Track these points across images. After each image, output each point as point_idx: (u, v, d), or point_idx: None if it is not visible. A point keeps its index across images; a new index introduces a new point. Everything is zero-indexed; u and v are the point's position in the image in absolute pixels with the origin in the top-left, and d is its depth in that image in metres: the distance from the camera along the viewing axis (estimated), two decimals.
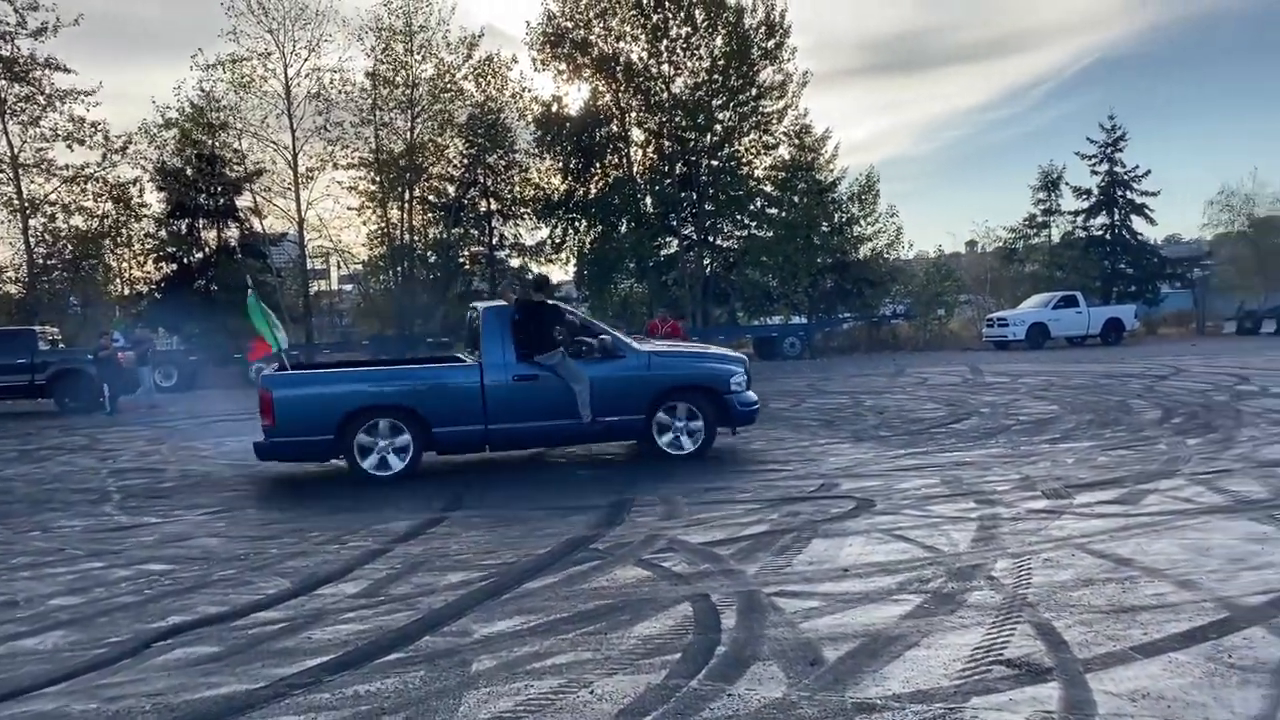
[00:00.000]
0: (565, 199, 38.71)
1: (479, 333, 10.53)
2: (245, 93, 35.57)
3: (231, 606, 5.78)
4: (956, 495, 8.14)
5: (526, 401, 10.33)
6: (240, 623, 5.46)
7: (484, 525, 7.83)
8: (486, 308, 10.76)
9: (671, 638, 4.85)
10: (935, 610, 5.10)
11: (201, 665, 4.77)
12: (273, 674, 4.57)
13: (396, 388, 10.26)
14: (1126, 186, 41.73)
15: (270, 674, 4.57)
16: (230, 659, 4.84)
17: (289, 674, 4.56)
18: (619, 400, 10.48)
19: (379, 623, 5.32)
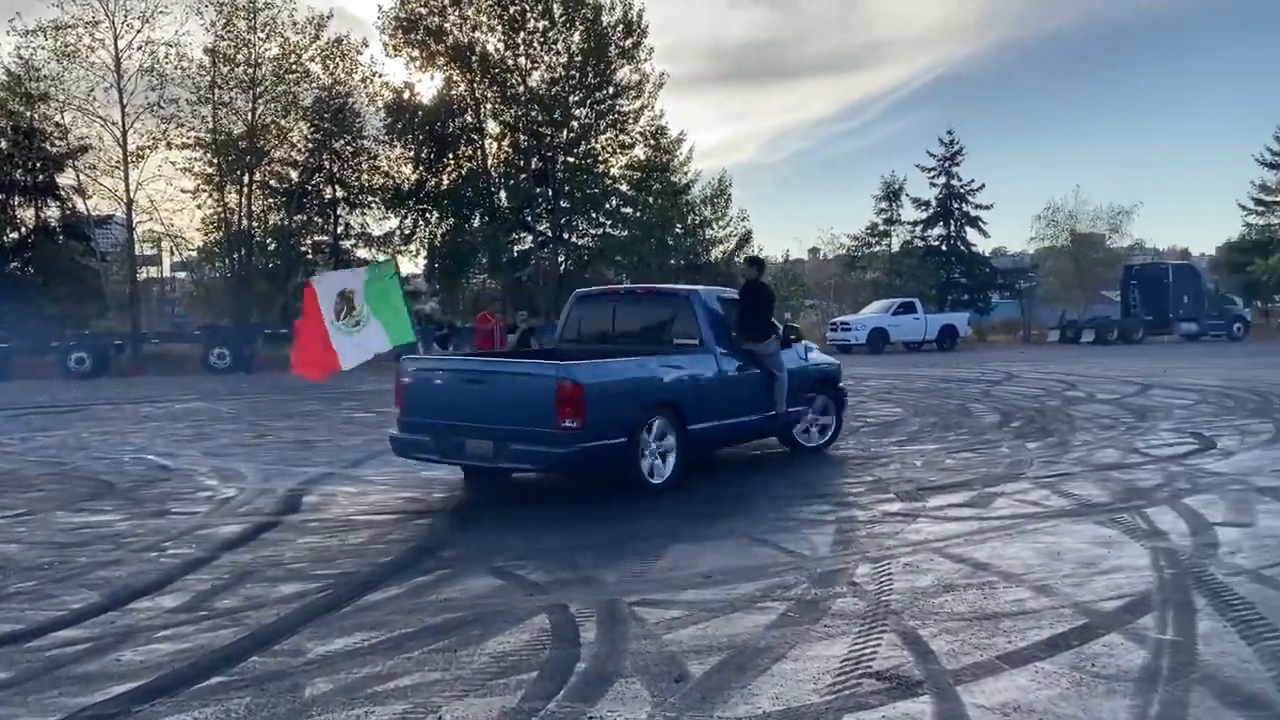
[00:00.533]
0: (416, 189, 37.70)
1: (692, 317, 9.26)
2: (69, 63, 33.21)
3: (29, 624, 5.12)
4: (813, 497, 8.10)
5: (740, 394, 9.30)
6: (38, 643, 4.82)
7: (322, 530, 7.29)
8: (693, 290, 9.84)
9: (528, 654, 4.52)
10: (801, 619, 4.94)
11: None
12: (70, 704, 4.01)
13: (671, 378, 8.70)
14: (962, 199, 43.72)
15: (68, 704, 4.01)
16: (23, 686, 4.24)
17: (90, 703, 4.01)
18: (797, 392, 9.96)
19: (200, 641, 4.78)
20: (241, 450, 11.69)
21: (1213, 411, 13.47)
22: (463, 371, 8.54)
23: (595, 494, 8.39)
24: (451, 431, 7.92)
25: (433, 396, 8.27)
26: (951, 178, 43.43)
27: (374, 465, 10.39)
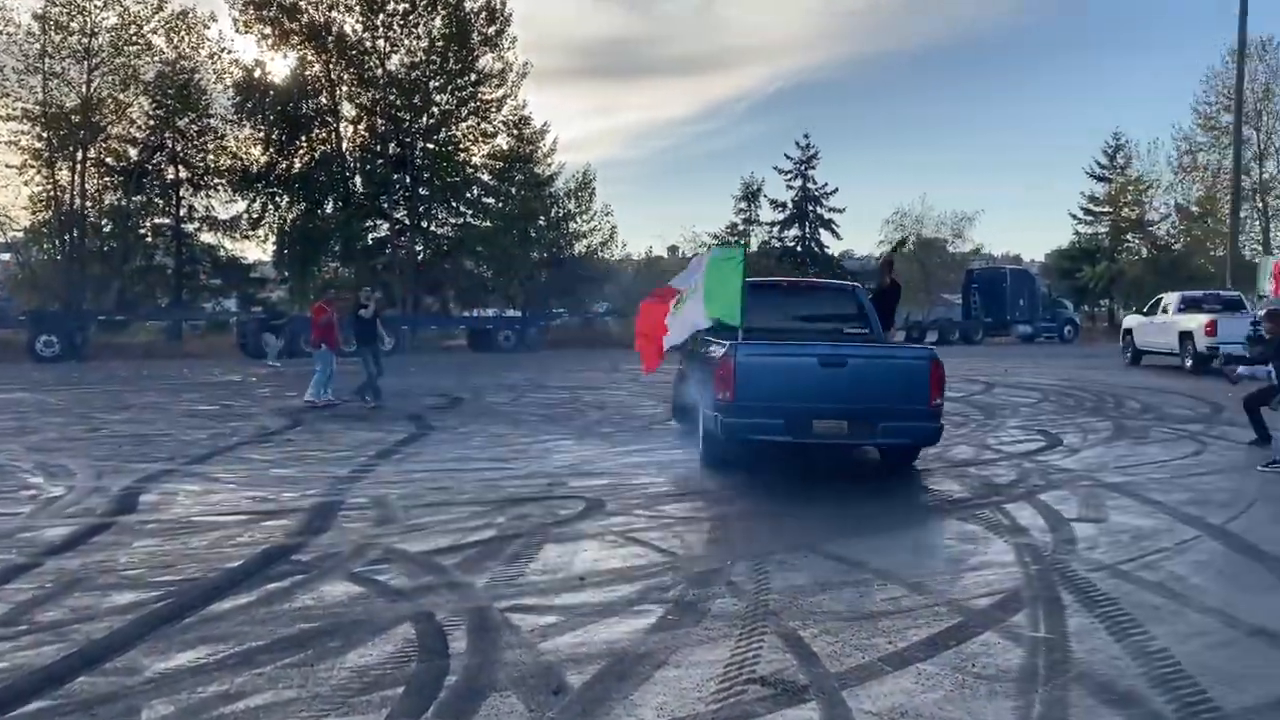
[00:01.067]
0: (266, 172, 36.09)
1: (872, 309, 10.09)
2: None
3: None
4: (686, 494, 7.99)
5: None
6: None
7: (161, 533, 6.73)
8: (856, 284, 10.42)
9: (392, 667, 4.21)
10: (680, 622, 4.79)
11: None
12: None
13: None
14: (817, 202, 44.82)
15: None
16: None
17: None
18: None
19: (19, 660, 4.28)
20: (70, 445, 10.79)
21: (1054, 410, 14.08)
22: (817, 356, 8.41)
23: (456, 497, 8.07)
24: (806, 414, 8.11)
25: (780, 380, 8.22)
26: (807, 181, 44.52)
27: (219, 461, 9.76)
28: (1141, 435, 11.38)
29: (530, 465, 9.45)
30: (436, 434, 11.67)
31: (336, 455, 10.05)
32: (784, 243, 44.88)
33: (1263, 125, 44.30)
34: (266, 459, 9.93)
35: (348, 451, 10.28)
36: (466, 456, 10.00)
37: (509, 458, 9.94)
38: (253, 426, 12.54)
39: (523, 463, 9.62)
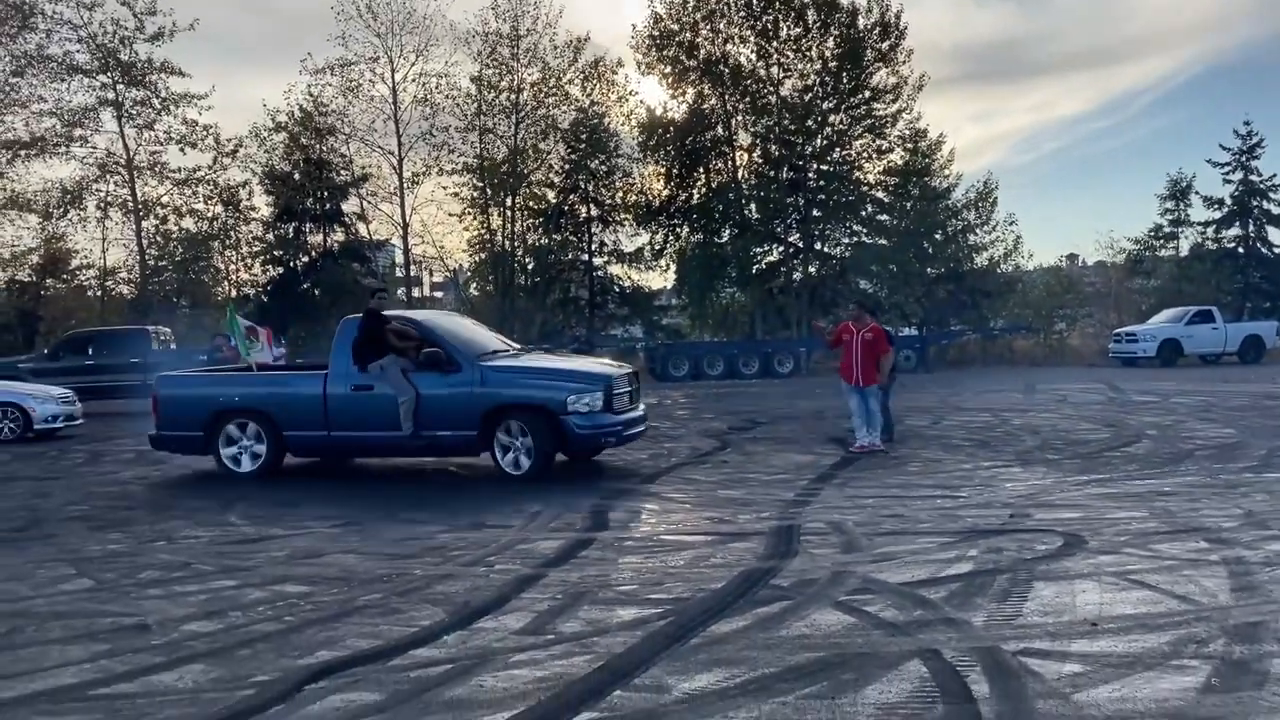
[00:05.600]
0: (667, 204, 37.98)
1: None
2: (353, 97, 35.76)
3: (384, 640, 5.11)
4: (1178, 532, 7.10)
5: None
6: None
7: (639, 550, 7.06)
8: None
9: (918, 707, 4.00)
10: (1236, 684, 4.15)
11: (367, 717, 4.08)
12: None
13: None
14: (1263, 196, 39.30)
15: None
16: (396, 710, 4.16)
17: None
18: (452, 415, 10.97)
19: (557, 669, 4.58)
20: None
21: None
22: None
23: (916, 526, 7.74)
24: None
25: None
26: (1250, 172, 39.13)
27: (667, 481, 10.19)
28: None
29: (981, 494, 8.91)
30: (867, 458, 11.42)
31: (776, 478, 10.12)
32: (1221, 244, 39.75)
33: None
34: (710, 480, 10.22)
35: (786, 475, 10.32)
36: (909, 483, 9.65)
37: (954, 484, 9.46)
38: (685, 447, 13.04)
39: (971, 490, 9.11)
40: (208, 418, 11.16)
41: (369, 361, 10.66)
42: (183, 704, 4.32)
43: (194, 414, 11.22)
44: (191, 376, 12.24)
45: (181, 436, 11.42)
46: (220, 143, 33.82)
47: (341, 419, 10.82)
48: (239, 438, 11.16)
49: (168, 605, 5.97)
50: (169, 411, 11.40)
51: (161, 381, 11.73)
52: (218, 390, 11.47)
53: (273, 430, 11.03)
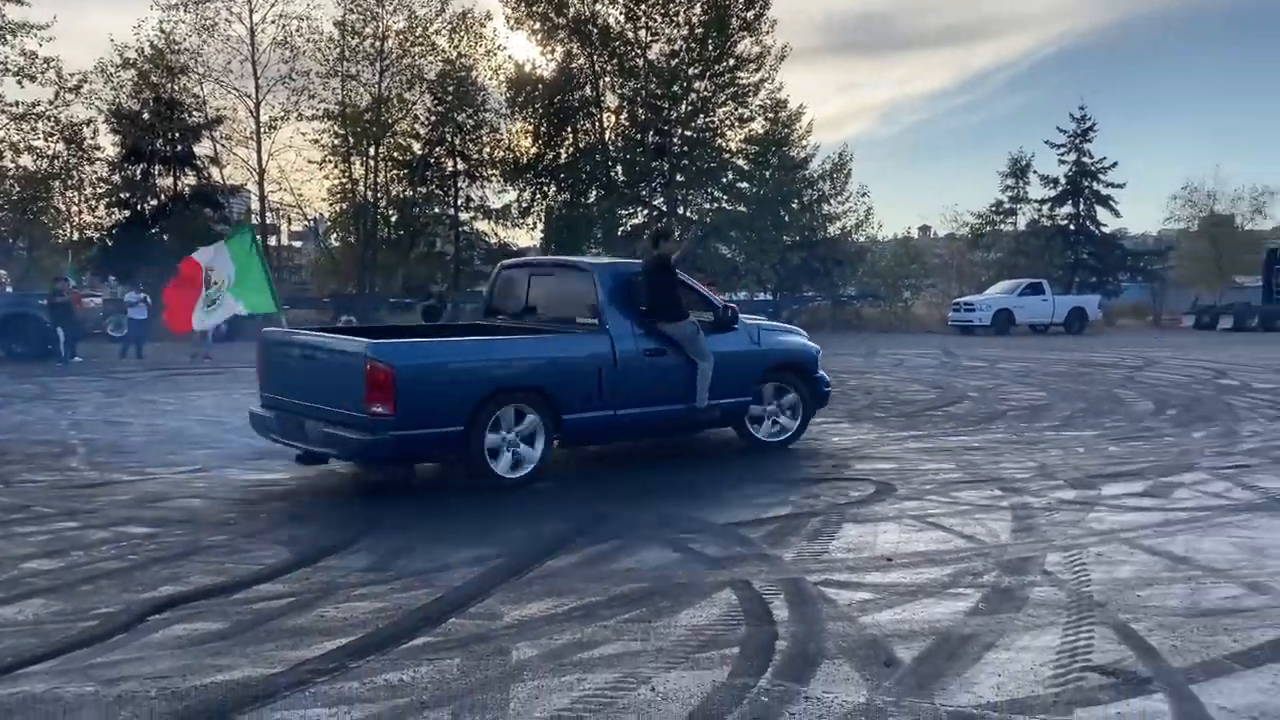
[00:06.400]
0: (534, 163, 37.94)
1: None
2: (208, 36, 34.32)
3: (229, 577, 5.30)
4: (977, 481, 7.85)
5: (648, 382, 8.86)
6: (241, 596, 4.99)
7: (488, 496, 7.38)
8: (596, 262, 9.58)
9: (724, 629, 4.47)
10: (1000, 608, 4.78)
11: (209, 644, 4.29)
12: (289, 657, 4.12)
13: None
14: (1094, 177, 41.94)
15: (287, 657, 4.12)
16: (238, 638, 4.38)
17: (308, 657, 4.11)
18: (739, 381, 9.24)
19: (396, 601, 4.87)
20: None
21: None
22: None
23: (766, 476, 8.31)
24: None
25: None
26: (1082, 154, 41.69)
27: None
28: None
29: (810, 447, 9.56)
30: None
31: None
32: (1055, 221, 42.31)
33: None
34: None
35: None
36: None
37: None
38: None
39: (800, 444, 9.74)
40: (478, 401, 7.43)
41: (676, 319, 8.58)
42: (22, 634, 4.43)
43: (457, 397, 7.34)
44: (444, 343, 8.18)
45: (433, 436, 7.27)
46: (63, 77, 31.93)
47: (628, 393, 8.22)
48: (508, 428, 7.62)
49: (6, 545, 5.98)
50: (416, 397, 7.07)
51: (396, 351, 7.26)
52: (492, 359, 7.76)
53: (551, 414, 7.82)
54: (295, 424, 7.56)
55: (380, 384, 6.86)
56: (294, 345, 7.99)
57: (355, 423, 7.03)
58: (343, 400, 7.15)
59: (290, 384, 7.78)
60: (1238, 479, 7.83)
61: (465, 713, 3.58)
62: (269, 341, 8.29)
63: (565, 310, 8.71)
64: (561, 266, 9.67)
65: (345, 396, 7.12)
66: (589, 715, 3.57)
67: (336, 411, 7.19)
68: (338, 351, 7.44)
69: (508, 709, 3.62)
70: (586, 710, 3.61)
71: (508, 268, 10.04)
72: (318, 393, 7.45)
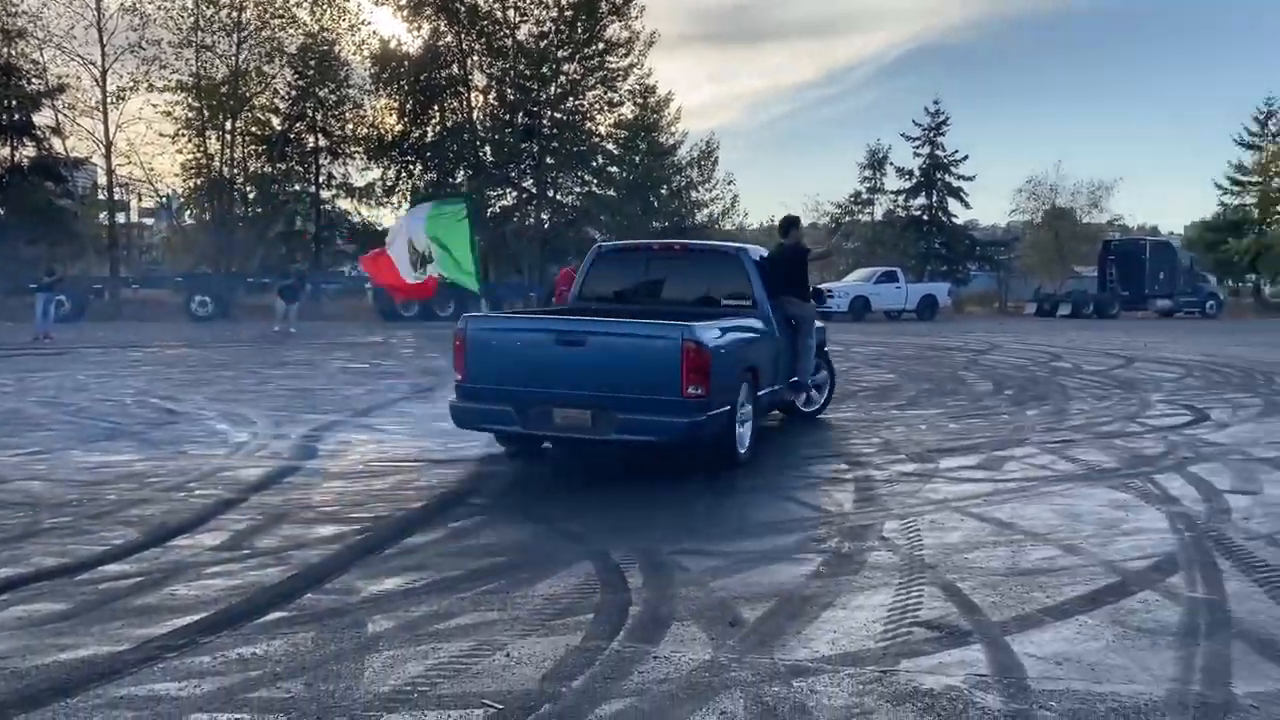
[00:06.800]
0: (400, 140, 37.24)
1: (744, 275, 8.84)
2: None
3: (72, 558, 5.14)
4: (827, 457, 8.23)
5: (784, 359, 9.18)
6: (86, 576, 4.86)
7: (345, 476, 7.33)
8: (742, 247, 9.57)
9: (580, 597, 4.61)
10: (839, 570, 5.07)
11: (51, 624, 4.19)
12: (136, 634, 4.06)
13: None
14: (946, 170, 43.80)
15: (134, 634, 4.06)
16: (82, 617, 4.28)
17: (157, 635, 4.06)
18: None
19: (251, 578, 4.83)
20: (245, 396, 11.66)
21: (1200, 385, 13.73)
22: None
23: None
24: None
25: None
26: (936, 148, 43.52)
27: (383, 414, 10.42)
28: None
29: None
30: None
31: None
32: (910, 211, 44.10)
33: None
34: (426, 413, 10.53)
35: None
36: None
37: None
38: (406, 384, 13.27)
39: None
40: (739, 381, 7.56)
41: (805, 300, 9.20)
42: None
43: (735, 377, 7.46)
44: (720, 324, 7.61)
45: (724, 416, 7.21)
46: None
47: (778, 370, 8.71)
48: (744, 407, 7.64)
49: None
50: (720, 377, 7.01)
51: (705, 333, 7.01)
52: (745, 335, 7.89)
53: (754, 392, 7.93)
54: (541, 413, 7.04)
55: (699, 367, 6.77)
56: (548, 332, 7.27)
57: (671, 407, 6.76)
58: (647, 385, 6.81)
59: (537, 372, 7.08)
60: (1062, 452, 8.43)
61: (319, 683, 3.62)
62: (489, 329, 7.53)
63: (707, 292, 8.86)
64: (697, 250, 9.75)
65: (651, 381, 6.81)
66: (443, 682, 3.65)
67: (638, 398, 6.80)
68: (641, 337, 7.05)
69: (362, 678, 3.67)
70: (441, 677, 3.69)
71: (610, 251, 9.65)
72: (597, 379, 6.91)
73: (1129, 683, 3.68)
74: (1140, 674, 3.76)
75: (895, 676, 3.73)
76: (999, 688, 3.62)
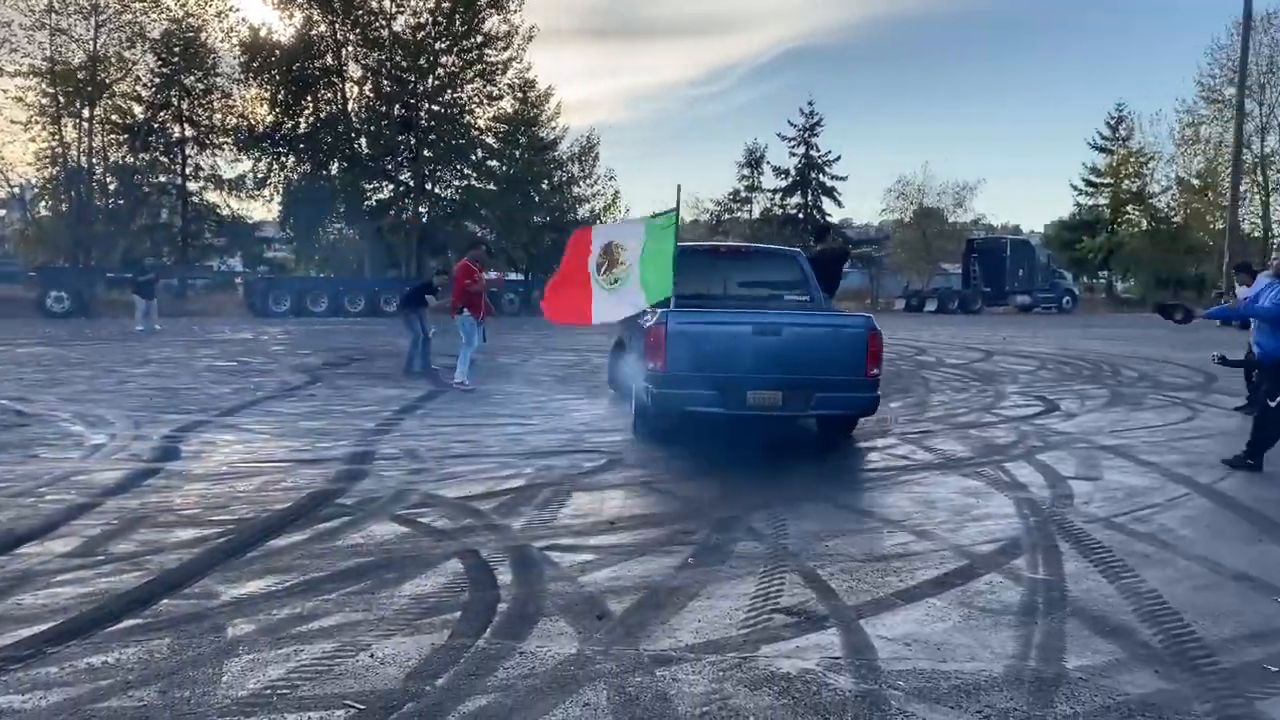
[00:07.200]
0: (271, 131, 36.17)
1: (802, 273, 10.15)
2: None
3: None
4: (699, 450, 8.37)
5: None
6: None
7: (208, 478, 7.12)
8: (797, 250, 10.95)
9: (448, 596, 4.61)
10: (706, 561, 5.19)
11: None
12: None
13: None
14: (820, 169, 44.92)
15: None
16: None
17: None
18: None
19: (105, 585, 4.67)
20: (103, 396, 11.17)
21: (1052, 377, 14.48)
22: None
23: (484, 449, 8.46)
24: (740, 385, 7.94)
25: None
26: (810, 148, 44.60)
27: (250, 414, 10.13)
28: (1136, 402, 11.79)
29: (550, 422, 9.83)
30: (454, 391, 12.04)
31: (361, 410, 10.42)
32: (786, 210, 45.08)
33: (1265, 99, 44.40)
34: (294, 412, 10.31)
35: (372, 407, 10.65)
36: (488, 414, 10.38)
37: (528, 414, 10.32)
38: (274, 382, 12.92)
39: (541, 419, 10.00)
40: None
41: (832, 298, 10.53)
42: None
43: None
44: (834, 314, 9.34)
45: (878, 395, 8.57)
46: None
47: None
48: None
49: None
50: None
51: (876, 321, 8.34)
52: None
53: None
54: (738, 395, 7.87)
55: (877, 352, 8.07)
56: (746, 324, 8.04)
57: (861, 385, 8.02)
58: (839, 367, 7.98)
59: (735, 359, 7.86)
60: (921, 442, 8.79)
61: (173, 690, 3.53)
62: (691, 323, 8.10)
63: (770, 288, 9.92)
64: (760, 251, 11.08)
65: (843, 363, 8.00)
66: (304, 684, 3.61)
67: (831, 378, 7.95)
68: (833, 327, 8.33)
69: (219, 683, 3.60)
70: (301, 679, 3.65)
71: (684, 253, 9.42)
72: (792, 363, 7.86)
73: (971, 660, 3.89)
74: (982, 652, 3.98)
75: (754, 662, 3.85)
76: (851, 669, 3.79)
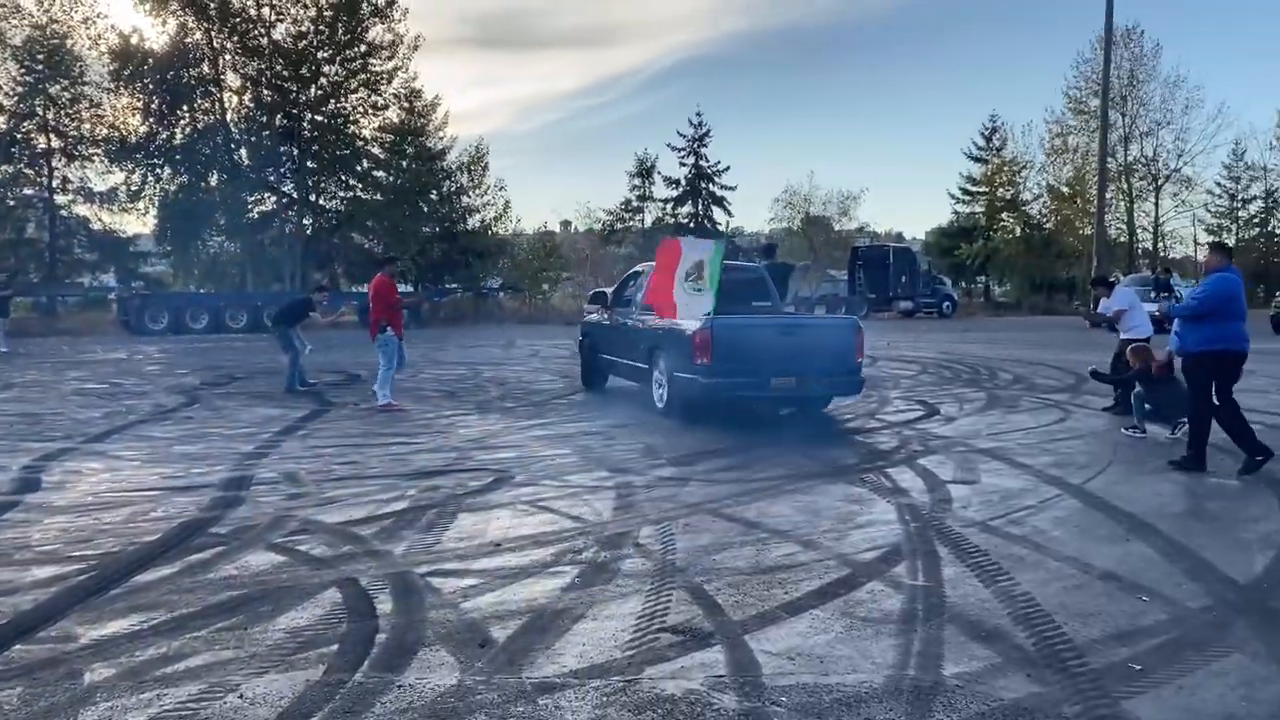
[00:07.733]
0: (145, 142, 34.81)
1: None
2: None
3: None
4: (589, 465, 8.33)
5: None
6: None
7: (71, 510, 6.75)
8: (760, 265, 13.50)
9: (324, 628, 4.45)
10: (593, 581, 5.14)
11: None
12: None
13: None
14: (710, 179, 45.46)
15: None
16: None
17: None
18: None
19: None
20: None
21: (933, 381, 14.90)
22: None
23: (367, 471, 8.26)
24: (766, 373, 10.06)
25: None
26: (700, 158, 45.11)
27: (120, 440, 9.68)
28: (1012, 404, 12.21)
29: (436, 440, 9.65)
30: (337, 410, 11.75)
31: (239, 433, 10.06)
32: (677, 219, 45.46)
33: (1128, 110, 46.78)
34: (168, 436, 9.89)
35: (251, 429, 10.29)
36: (371, 432, 10.14)
37: (413, 432, 10.12)
38: (148, 404, 12.39)
39: (428, 437, 9.81)
40: None
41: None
42: None
43: None
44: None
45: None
46: None
47: None
48: None
49: None
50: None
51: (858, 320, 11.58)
52: None
53: None
54: (761, 382, 10.01)
55: (861, 345, 10.48)
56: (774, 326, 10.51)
57: (852, 370, 10.43)
58: (833, 359, 10.23)
59: (764, 353, 9.94)
60: (806, 451, 8.91)
61: None
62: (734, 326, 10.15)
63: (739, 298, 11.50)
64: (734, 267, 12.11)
65: (836, 356, 10.27)
66: None
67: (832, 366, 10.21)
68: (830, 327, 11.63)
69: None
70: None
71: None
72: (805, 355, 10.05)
73: (853, 672, 3.94)
74: (863, 663, 4.03)
75: (639, 685, 3.82)
76: (735, 687, 3.79)
